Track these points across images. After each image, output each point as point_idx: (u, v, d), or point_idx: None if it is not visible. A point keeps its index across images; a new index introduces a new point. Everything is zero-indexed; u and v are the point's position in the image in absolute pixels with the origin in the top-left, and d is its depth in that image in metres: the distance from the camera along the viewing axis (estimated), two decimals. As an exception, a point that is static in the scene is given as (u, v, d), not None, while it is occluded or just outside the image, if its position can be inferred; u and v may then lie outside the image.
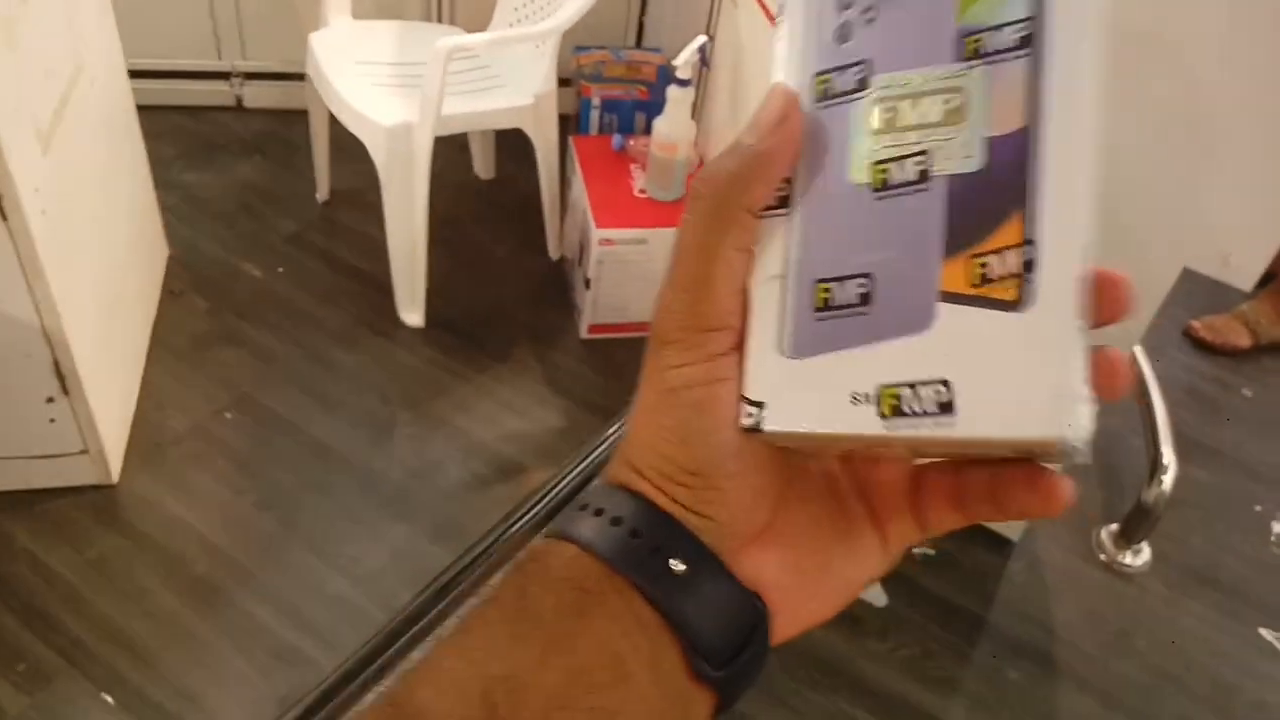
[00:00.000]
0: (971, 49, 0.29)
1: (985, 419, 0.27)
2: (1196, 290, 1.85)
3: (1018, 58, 0.28)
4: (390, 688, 0.30)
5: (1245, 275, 1.58)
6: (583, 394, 2.12)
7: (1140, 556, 2.04)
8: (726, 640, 0.31)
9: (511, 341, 2.23)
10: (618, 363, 2.17)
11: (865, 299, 0.29)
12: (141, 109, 2.04)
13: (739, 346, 0.31)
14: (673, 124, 2.05)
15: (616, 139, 2.26)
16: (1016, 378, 0.27)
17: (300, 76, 2.30)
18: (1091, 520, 2.12)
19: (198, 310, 2.20)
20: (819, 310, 0.30)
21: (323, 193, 2.51)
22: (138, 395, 1.97)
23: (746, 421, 0.31)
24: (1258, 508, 2.17)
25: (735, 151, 0.31)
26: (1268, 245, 1.57)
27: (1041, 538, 2.07)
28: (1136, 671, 1.85)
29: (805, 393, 0.30)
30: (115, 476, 1.82)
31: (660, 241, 2.08)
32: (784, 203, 0.31)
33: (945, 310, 0.28)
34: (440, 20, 2.66)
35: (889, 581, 1.88)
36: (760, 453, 0.32)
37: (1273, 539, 2.15)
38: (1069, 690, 1.80)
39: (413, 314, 2.20)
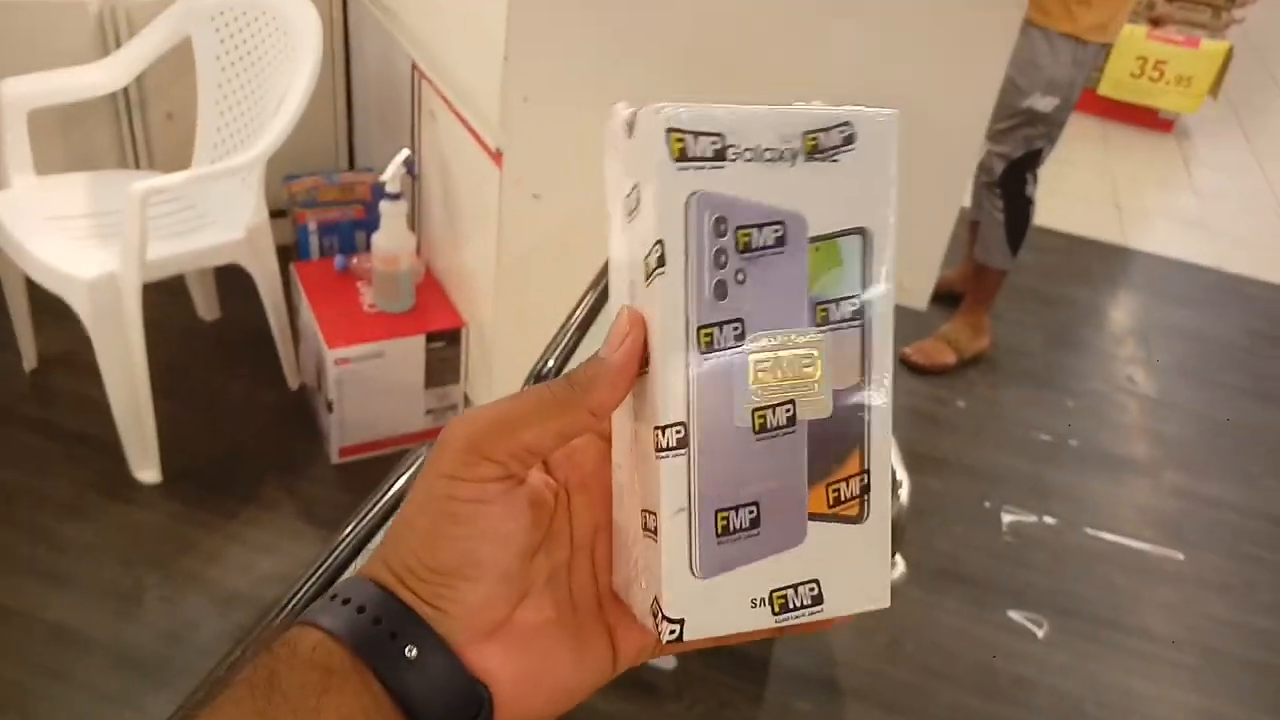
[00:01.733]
0: (822, 316, 0.36)
1: (840, 604, 0.37)
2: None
3: (852, 327, 0.36)
4: None
5: (918, 297, 1.78)
6: (339, 520, 2.06)
7: (896, 569, 2.19)
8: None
9: (259, 481, 2.15)
10: (373, 481, 2.11)
11: (755, 523, 0.36)
12: None
13: (509, 488, 0.36)
14: (391, 237, 2.07)
15: (339, 259, 2.25)
16: (859, 571, 0.37)
17: (-16, 242, 2.16)
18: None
19: (-108, 510, 1.98)
20: (720, 535, 0.36)
21: (30, 361, 2.34)
22: None
23: (669, 636, 0.35)
24: (987, 504, 2.40)
25: (593, 362, 0.36)
26: (931, 268, 1.78)
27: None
28: (909, 675, 1.98)
29: (714, 604, 0.36)
30: None
31: (397, 352, 2.08)
32: (682, 443, 0.35)
33: (813, 528, 0.36)
34: (137, 166, 2.58)
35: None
36: (498, 565, 0.36)
37: (1004, 529, 2.37)
38: (855, 706, 1.90)
39: (147, 471, 2.08)
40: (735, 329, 0.35)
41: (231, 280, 2.28)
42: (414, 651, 0.34)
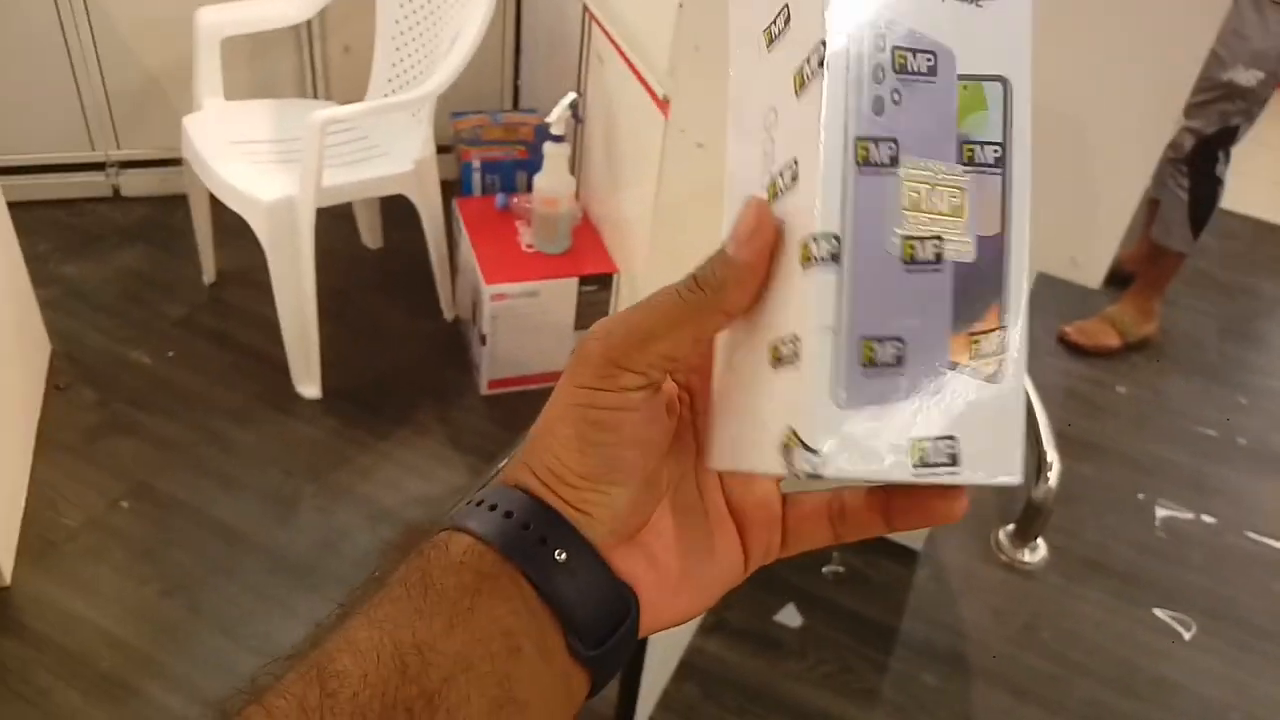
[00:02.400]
0: (968, 155, 0.34)
1: (976, 470, 0.34)
2: (1056, 294, 1.97)
3: (994, 174, 0.35)
4: (308, 655, 0.32)
5: (1092, 275, 1.69)
6: (487, 449, 2.13)
7: (1037, 553, 2.12)
8: (599, 623, 0.35)
9: (411, 405, 2.24)
10: (520, 415, 2.19)
11: (899, 360, 0.33)
12: (13, 205, 2.01)
13: (649, 395, 0.36)
14: (552, 179, 2.10)
15: (500, 198, 2.30)
16: (993, 437, 0.34)
17: (177, 162, 2.30)
18: (988, 523, 2.21)
19: (86, 403, 2.16)
20: (864, 366, 0.33)
21: (209, 275, 2.49)
22: (26, 494, 1.91)
23: (805, 467, 0.33)
24: (1140, 495, 2.29)
25: (721, 261, 0.35)
26: (1109, 245, 1.69)
27: (943, 545, 2.15)
28: (1044, 662, 1.93)
29: (855, 441, 0.33)
30: (6, 579, 1.76)
31: (551, 293, 2.12)
32: (834, 257, 0.33)
33: (953, 377, 0.34)
34: (315, 95, 2.69)
35: (803, 602, 1.92)
36: (643, 470, 0.36)
37: (1157, 524, 2.26)
38: (982, 688, 1.86)
39: (309, 387, 2.19)
40: (890, 149, 0.33)
41: (397, 211, 2.36)
42: (563, 555, 0.35)
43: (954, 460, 0.33)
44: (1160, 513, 2.24)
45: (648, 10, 1.82)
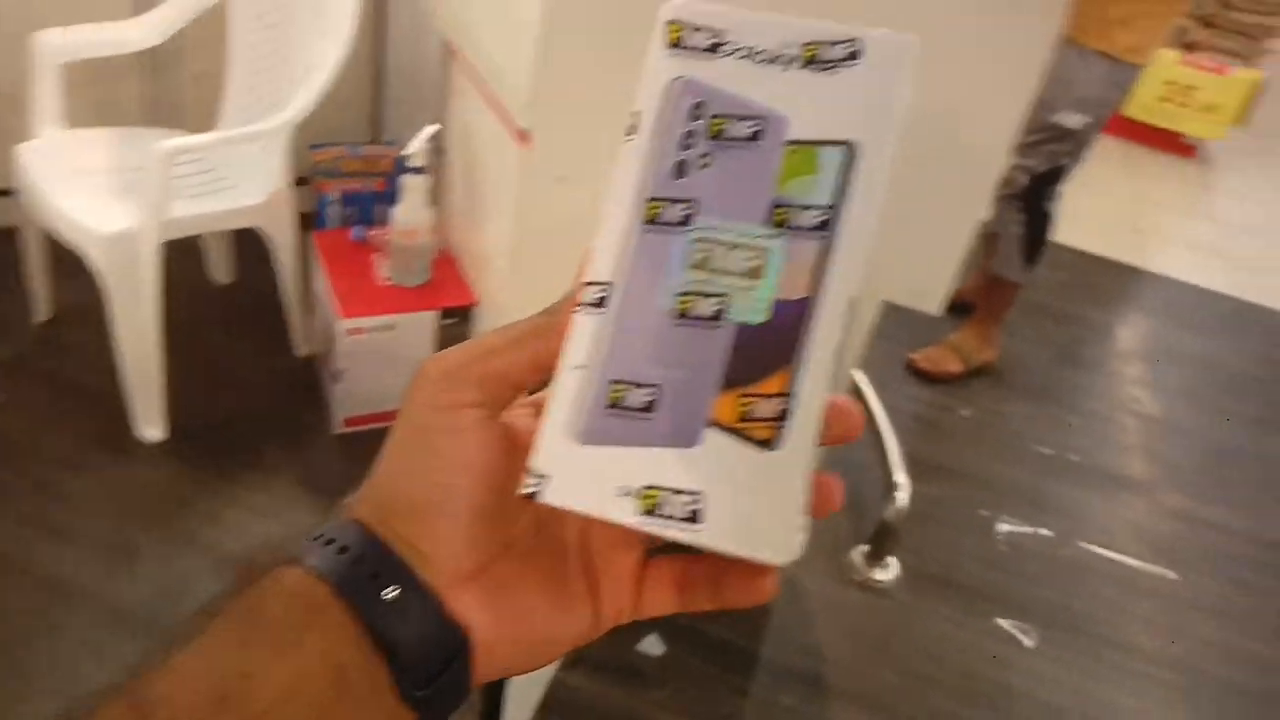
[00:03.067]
0: (780, 219, 0.35)
1: (725, 535, 0.33)
2: (904, 322, 2.06)
3: (813, 238, 0.34)
4: (126, 684, 0.31)
5: (933, 301, 1.78)
6: (341, 489, 2.05)
7: (889, 571, 2.21)
8: (427, 663, 0.35)
9: (262, 445, 2.16)
10: (375, 452, 2.13)
11: (650, 407, 0.34)
12: None
13: (484, 418, 0.36)
14: (411, 211, 2.08)
15: (356, 230, 2.26)
16: (756, 506, 0.33)
17: (5, 193, 2.18)
18: (843, 544, 2.27)
19: (-101, 451, 2.00)
20: (610, 406, 0.34)
21: (42, 312, 2.35)
22: None
23: (527, 490, 0.34)
24: (984, 512, 2.41)
25: (567, 293, 0.36)
26: (947, 275, 1.78)
27: (802, 567, 2.20)
28: (896, 677, 1.99)
29: (582, 474, 0.34)
30: None
31: (408, 326, 2.09)
32: (600, 304, 0.35)
33: (711, 434, 0.34)
34: (164, 125, 2.59)
35: (665, 630, 1.93)
36: (474, 499, 0.36)
37: (999, 538, 2.37)
38: (838, 706, 1.91)
39: (152, 429, 2.09)
40: (684, 209, 0.35)
41: (250, 245, 2.29)
42: (394, 593, 0.34)
43: (694, 518, 0.33)
44: (1002, 528, 2.35)
45: (508, 43, 1.83)
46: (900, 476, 2.13)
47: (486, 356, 0.36)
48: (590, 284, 0.35)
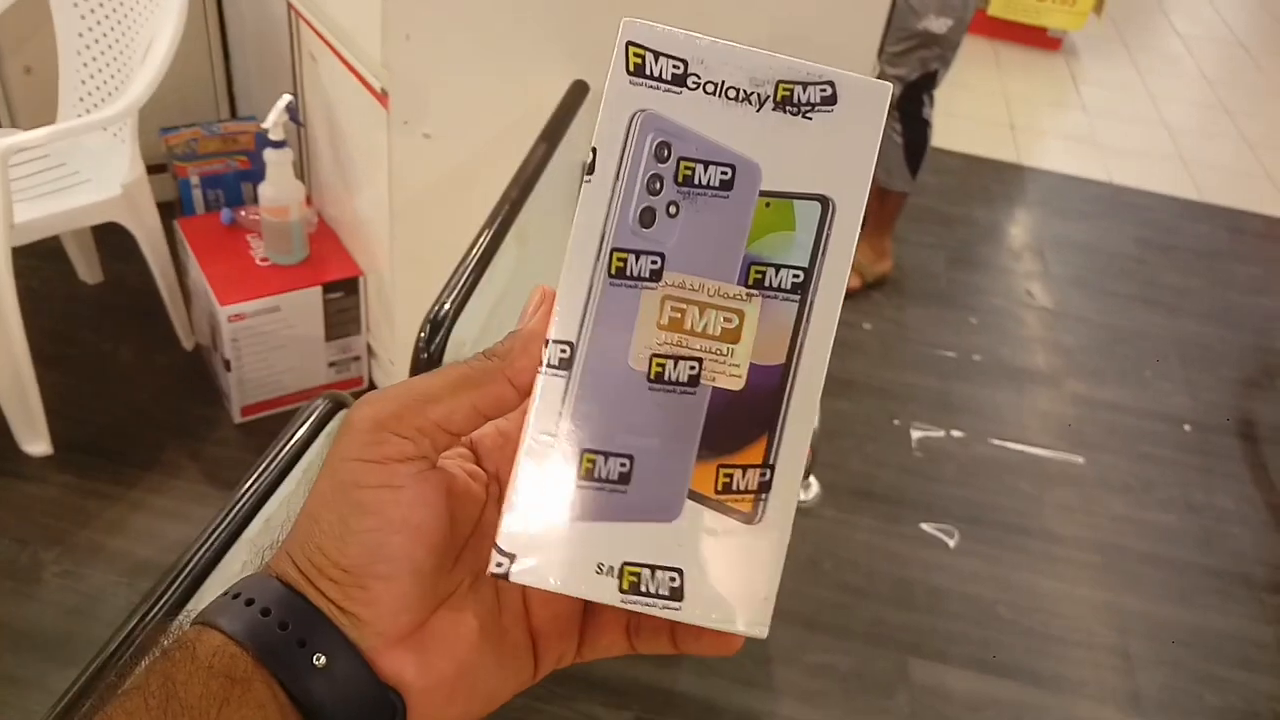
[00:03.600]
0: (755, 278, 0.32)
1: (704, 610, 0.32)
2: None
3: (789, 300, 0.32)
4: None
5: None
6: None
7: (810, 490, 2.23)
8: None
9: (158, 446, 2.07)
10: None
11: (624, 479, 0.32)
12: None
13: (421, 470, 0.33)
14: (278, 187, 1.99)
15: (225, 213, 2.16)
16: (735, 580, 0.32)
17: None
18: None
19: None
20: (583, 479, 0.32)
21: (-103, 338, 2.20)
22: None
23: (496, 570, 0.31)
24: (896, 421, 2.45)
25: (508, 335, 0.33)
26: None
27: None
28: (829, 592, 2.03)
29: (556, 552, 0.31)
30: None
31: (294, 306, 2.01)
32: (565, 364, 0.32)
33: (691, 508, 0.32)
34: (-1, 125, 2.43)
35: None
36: (412, 561, 0.33)
37: (913, 445, 2.42)
38: (776, 627, 1.93)
39: (35, 444, 1.99)
40: (653, 262, 0.32)
41: (114, 241, 2.17)
42: (322, 660, 0.32)
43: (676, 595, 0.32)
44: (915, 434, 2.40)
45: (352, 2, 1.75)
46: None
47: (422, 405, 0.33)
48: (554, 342, 0.32)
